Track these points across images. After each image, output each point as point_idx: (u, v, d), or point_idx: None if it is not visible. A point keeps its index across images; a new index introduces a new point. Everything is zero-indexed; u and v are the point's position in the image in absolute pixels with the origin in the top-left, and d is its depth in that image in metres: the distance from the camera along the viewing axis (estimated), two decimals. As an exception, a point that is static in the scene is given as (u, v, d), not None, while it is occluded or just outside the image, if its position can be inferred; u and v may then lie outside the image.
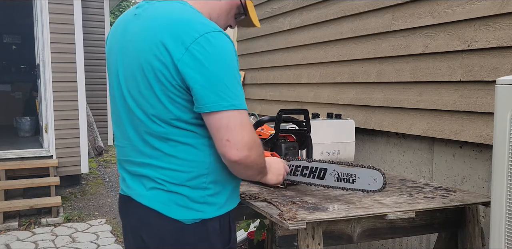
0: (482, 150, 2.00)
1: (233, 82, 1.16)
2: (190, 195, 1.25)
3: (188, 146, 1.23)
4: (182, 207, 1.25)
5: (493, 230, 1.35)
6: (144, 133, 1.26)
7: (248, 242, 3.57)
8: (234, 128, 1.16)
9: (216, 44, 1.14)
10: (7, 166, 4.85)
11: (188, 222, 1.26)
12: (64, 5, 5.28)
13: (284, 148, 1.76)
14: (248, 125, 1.19)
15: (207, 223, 1.27)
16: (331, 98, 2.95)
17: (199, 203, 1.26)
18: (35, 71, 6.30)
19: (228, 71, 1.15)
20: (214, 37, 1.14)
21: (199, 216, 1.26)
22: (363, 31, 2.64)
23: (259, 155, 1.25)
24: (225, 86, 1.14)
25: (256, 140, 1.22)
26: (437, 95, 2.16)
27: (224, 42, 1.16)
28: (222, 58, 1.15)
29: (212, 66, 1.13)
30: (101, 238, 4.02)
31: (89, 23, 7.54)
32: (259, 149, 1.24)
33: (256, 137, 1.22)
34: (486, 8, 1.90)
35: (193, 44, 1.12)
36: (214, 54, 1.13)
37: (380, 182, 1.45)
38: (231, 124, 1.16)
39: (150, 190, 1.27)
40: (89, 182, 6.02)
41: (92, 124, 7.53)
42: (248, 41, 4.33)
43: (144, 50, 1.19)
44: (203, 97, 1.14)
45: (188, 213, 1.26)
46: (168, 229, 1.27)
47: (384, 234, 1.63)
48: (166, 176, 1.25)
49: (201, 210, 1.26)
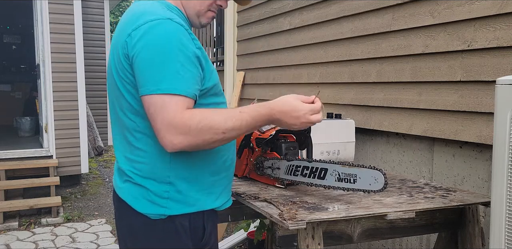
0: (482, 150, 2.00)
1: (166, 66, 1.14)
2: (155, 189, 1.27)
3: (148, 138, 1.26)
4: (148, 201, 1.28)
5: (493, 230, 1.35)
6: (120, 127, 1.32)
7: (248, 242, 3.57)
8: (154, 112, 1.14)
9: (153, 29, 1.15)
10: (7, 166, 4.85)
11: (154, 217, 1.28)
12: (64, 5, 5.28)
13: (284, 148, 1.76)
14: (169, 108, 1.12)
15: (174, 219, 1.29)
16: (331, 98, 2.95)
17: (163, 198, 1.27)
18: (35, 71, 6.30)
19: (161, 55, 1.14)
20: (156, 23, 1.16)
21: (163, 212, 1.28)
22: (363, 31, 2.64)
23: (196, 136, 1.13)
24: (155, 70, 1.14)
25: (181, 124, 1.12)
26: (437, 95, 2.16)
27: (164, 27, 1.16)
28: (155, 43, 1.14)
29: (144, 50, 1.15)
30: (101, 238, 4.02)
31: (89, 23, 7.53)
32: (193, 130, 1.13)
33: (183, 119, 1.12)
34: (486, 8, 1.90)
35: (135, 31, 1.17)
36: (148, 39, 1.15)
37: (381, 182, 1.45)
38: (152, 109, 1.14)
39: (124, 183, 1.32)
40: (89, 182, 6.02)
41: (92, 124, 7.53)
42: (248, 41, 4.33)
43: (113, 45, 1.28)
44: (138, 81, 1.18)
45: (153, 208, 1.28)
46: (138, 223, 1.30)
47: (384, 234, 1.63)
48: (134, 168, 1.29)
49: (165, 206, 1.28)
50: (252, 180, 1.91)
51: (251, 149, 1.86)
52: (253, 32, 4.16)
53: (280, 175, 1.73)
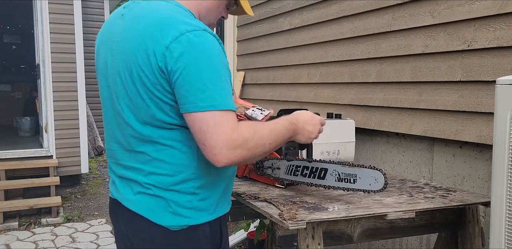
0: (482, 150, 2.00)
1: (215, 81, 1.11)
2: (177, 200, 1.22)
3: (174, 150, 1.20)
4: (169, 213, 1.23)
5: (493, 230, 1.35)
6: (130, 137, 1.23)
7: (248, 242, 3.57)
8: (207, 130, 1.10)
9: (197, 42, 1.10)
10: (7, 166, 4.85)
11: (174, 229, 1.23)
12: (64, 5, 5.28)
13: (284, 148, 1.76)
14: (224, 124, 1.10)
15: (197, 228, 1.25)
16: (331, 98, 2.95)
17: (186, 208, 1.23)
18: (35, 71, 6.30)
19: (209, 70, 1.10)
20: (196, 35, 1.11)
21: (186, 223, 1.23)
22: (363, 31, 2.64)
23: (250, 149, 1.15)
24: (205, 85, 1.09)
25: (240, 138, 1.12)
26: (437, 95, 2.16)
27: (206, 40, 1.12)
28: (203, 57, 1.10)
29: (191, 65, 1.09)
30: (101, 238, 4.02)
31: (89, 23, 7.52)
32: (249, 143, 1.14)
33: (241, 134, 1.12)
34: (486, 8, 1.90)
35: (174, 43, 1.10)
36: (194, 52, 1.10)
37: (381, 182, 1.45)
38: (204, 126, 1.10)
39: (137, 195, 1.25)
40: (89, 182, 6.02)
41: (92, 124, 7.53)
42: (248, 41, 4.33)
43: (128, 51, 1.17)
44: (182, 97, 1.12)
45: (175, 219, 1.23)
46: (157, 234, 1.25)
47: (384, 234, 1.63)
48: (152, 180, 1.22)
49: (188, 216, 1.24)
50: (252, 180, 1.91)
51: (251, 149, 1.86)
52: (253, 32, 4.16)
53: (280, 175, 1.73)
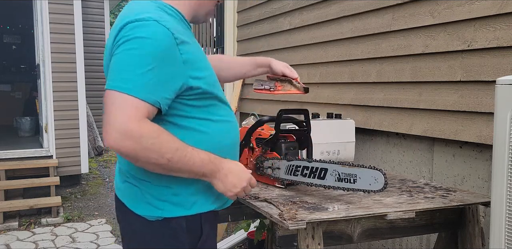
0: (482, 150, 2.00)
1: (134, 67, 1.13)
2: (151, 191, 1.28)
3: None
4: (145, 203, 1.29)
5: (493, 230, 1.35)
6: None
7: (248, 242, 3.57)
8: (109, 109, 1.13)
9: (134, 32, 1.15)
10: (7, 166, 4.85)
11: (150, 219, 1.29)
12: (64, 5, 5.28)
13: (284, 148, 1.76)
14: (127, 110, 1.11)
15: (170, 221, 1.29)
16: (331, 98, 2.95)
17: (160, 200, 1.28)
18: (35, 71, 6.30)
19: (134, 57, 1.14)
20: (137, 25, 1.16)
21: (160, 214, 1.28)
22: (363, 31, 2.64)
23: (143, 148, 1.12)
24: (123, 71, 1.14)
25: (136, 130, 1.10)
26: (437, 95, 2.16)
27: (147, 30, 1.15)
28: (134, 44, 1.14)
29: (122, 51, 1.15)
30: (101, 238, 4.02)
31: (89, 23, 7.53)
32: (144, 141, 1.11)
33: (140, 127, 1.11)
34: (486, 8, 1.90)
35: (120, 32, 1.17)
36: (129, 39, 1.15)
37: (381, 182, 1.45)
38: (108, 104, 1.13)
39: (123, 183, 1.34)
40: (89, 182, 6.02)
41: (92, 124, 7.53)
42: (248, 41, 4.33)
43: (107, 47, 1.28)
44: (108, 75, 1.19)
45: (150, 209, 1.28)
46: (137, 224, 1.31)
47: (384, 234, 1.63)
48: (131, 170, 1.30)
49: (161, 208, 1.28)
50: (252, 180, 1.91)
51: (251, 149, 1.86)
52: (253, 32, 4.16)
53: (280, 175, 1.73)
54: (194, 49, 1.27)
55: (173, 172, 1.21)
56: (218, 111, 1.34)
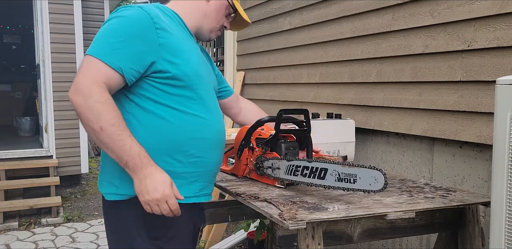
0: (482, 150, 2.00)
1: (108, 39, 1.30)
2: (111, 169, 1.39)
3: None
4: (105, 181, 1.42)
5: (493, 230, 1.35)
6: None
7: (248, 242, 3.57)
8: (79, 67, 1.29)
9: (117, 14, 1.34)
10: (7, 166, 4.85)
11: (109, 198, 1.40)
12: (64, 5, 5.28)
13: (284, 148, 1.76)
14: (91, 69, 1.26)
15: (127, 203, 1.37)
16: (331, 98, 2.95)
17: (116, 177, 1.38)
18: (35, 71, 6.30)
19: (110, 31, 1.31)
20: (125, 9, 1.35)
21: (114, 191, 1.39)
22: (363, 31, 2.64)
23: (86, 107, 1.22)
24: (99, 40, 1.31)
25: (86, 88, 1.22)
26: (437, 95, 2.16)
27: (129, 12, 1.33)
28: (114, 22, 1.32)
29: (103, 26, 1.34)
30: (101, 238, 4.02)
31: (89, 23, 7.51)
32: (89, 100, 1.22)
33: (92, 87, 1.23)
34: (486, 8, 1.90)
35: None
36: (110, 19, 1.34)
37: (381, 182, 1.45)
38: (81, 64, 1.29)
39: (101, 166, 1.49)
40: (89, 182, 6.02)
41: (92, 124, 7.52)
42: (248, 41, 4.33)
43: None
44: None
45: (108, 187, 1.41)
46: (103, 203, 1.46)
47: (384, 234, 1.63)
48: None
49: (116, 184, 1.39)
50: (252, 180, 1.91)
51: (251, 149, 1.86)
52: (253, 32, 4.16)
53: (280, 175, 1.73)
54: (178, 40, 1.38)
55: (103, 146, 1.26)
56: (191, 105, 1.40)
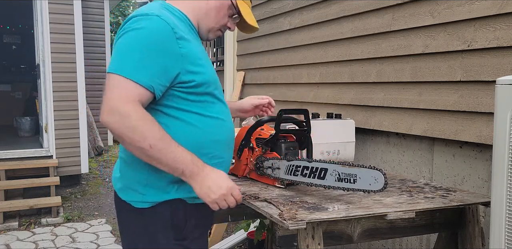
0: (482, 150, 2.00)
1: (132, 54, 1.23)
2: (137, 176, 1.35)
3: None
4: (129, 189, 1.37)
5: (493, 230, 1.35)
6: None
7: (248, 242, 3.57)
8: (107, 88, 1.23)
9: (137, 23, 1.26)
10: (7, 166, 4.85)
11: (136, 205, 1.35)
12: (64, 5, 5.28)
13: (284, 148, 1.76)
14: (120, 90, 1.20)
15: (155, 208, 1.35)
16: (331, 98, 2.95)
17: (143, 185, 1.35)
18: (35, 71, 6.30)
19: (132, 45, 1.24)
20: (143, 18, 1.27)
21: (142, 199, 1.34)
22: (363, 31, 2.64)
23: (127, 127, 1.19)
24: (123, 56, 1.24)
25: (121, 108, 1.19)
26: (437, 95, 2.16)
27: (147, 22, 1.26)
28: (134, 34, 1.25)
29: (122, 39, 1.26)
30: (101, 238, 4.02)
31: (89, 23, 7.53)
32: (129, 120, 1.19)
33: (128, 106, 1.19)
34: (486, 8, 1.90)
35: (125, 24, 1.29)
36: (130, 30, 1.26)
37: (381, 182, 1.45)
38: (106, 85, 1.23)
39: (115, 173, 1.45)
40: (89, 182, 6.02)
41: (92, 124, 7.53)
42: (248, 41, 4.33)
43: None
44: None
45: (132, 194, 1.36)
46: (124, 211, 1.40)
47: (384, 234, 1.63)
48: (124, 154, 1.39)
49: (144, 192, 1.35)
50: (252, 180, 1.91)
51: (251, 149, 1.86)
52: (253, 32, 4.16)
53: (280, 175, 1.73)
54: (195, 47, 1.35)
55: (154, 161, 1.25)
56: (213, 108, 1.39)
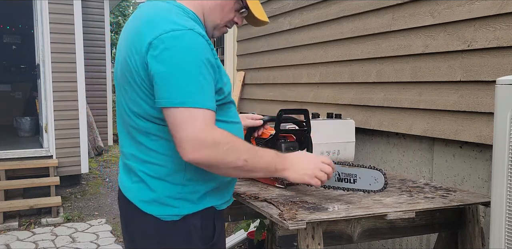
0: (482, 150, 2.00)
1: (191, 80, 1.15)
2: (168, 191, 1.28)
3: (166, 141, 1.27)
4: (159, 203, 1.29)
5: (493, 230, 1.35)
6: (130, 127, 1.32)
7: (248, 242, 3.57)
8: (178, 125, 1.15)
9: (178, 41, 1.15)
10: (7, 166, 4.85)
11: (165, 219, 1.29)
12: (64, 5, 5.28)
13: (284, 148, 1.76)
14: (195, 121, 1.14)
15: (186, 219, 1.30)
16: (331, 98, 2.95)
17: (175, 199, 1.29)
18: (35, 71, 6.30)
19: (186, 69, 1.15)
20: (179, 34, 1.16)
21: (176, 212, 1.29)
22: (363, 31, 2.64)
23: (220, 154, 1.17)
24: (179, 83, 1.15)
25: (209, 139, 1.15)
26: (437, 95, 2.16)
27: (189, 39, 1.16)
28: (181, 55, 1.15)
29: (168, 63, 1.15)
30: (101, 238, 4.02)
31: (89, 23, 7.53)
32: (219, 147, 1.16)
33: (213, 134, 1.16)
34: (486, 8, 1.90)
35: (156, 40, 1.15)
36: (173, 50, 1.15)
37: (381, 182, 1.45)
38: (175, 121, 1.16)
39: (134, 184, 1.32)
40: (89, 182, 6.02)
41: (92, 124, 7.53)
42: (248, 41, 4.33)
43: (126, 47, 1.26)
44: (158, 92, 1.17)
45: (165, 209, 1.29)
46: (150, 225, 1.30)
47: (384, 234, 1.63)
48: (147, 168, 1.29)
49: (177, 206, 1.29)
50: (252, 180, 1.91)
51: (251, 149, 1.85)
52: (253, 32, 4.16)
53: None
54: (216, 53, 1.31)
55: (250, 173, 1.26)
56: (230, 113, 1.38)
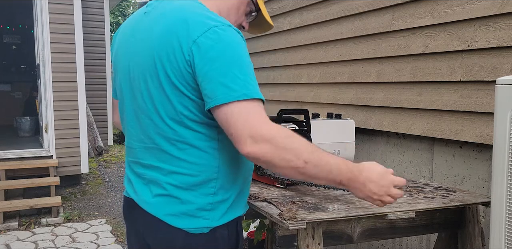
0: (482, 150, 2.00)
1: (245, 72, 1.12)
2: (197, 201, 1.21)
3: (197, 149, 1.19)
4: (189, 216, 1.21)
5: (493, 230, 1.35)
6: (153, 135, 1.22)
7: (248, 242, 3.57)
8: (234, 118, 1.09)
9: (224, 36, 1.12)
10: (7, 166, 4.85)
11: (195, 231, 1.21)
12: (64, 5, 5.28)
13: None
14: (254, 114, 1.09)
15: (216, 230, 1.23)
16: (331, 98, 2.95)
17: (206, 210, 1.22)
18: (35, 71, 6.30)
19: (238, 62, 1.12)
20: (223, 30, 1.12)
21: (206, 225, 1.22)
22: (363, 31, 2.64)
23: (277, 148, 1.08)
24: (236, 76, 1.10)
25: (266, 132, 1.07)
26: (437, 95, 2.16)
27: (232, 34, 1.14)
28: (230, 50, 1.12)
29: (221, 58, 1.10)
30: (101, 238, 4.02)
31: (89, 23, 7.54)
32: (275, 141, 1.08)
33: (270, 128, 1.09)
34: (486, 8, 1.90)
35: (201, 37, 1.11)
36: (222, 46, 1.11)
37: (380, 182, 1.44)
38: (235, 115, 1.09)
39: (156, 197, 1.23)
40: (89, 182, 6.02)
41: (92, 124, 7.53)
42: (248, 41, 4.33)
43: (153, 48, 1.18)
44: (213, 89, 1.10)
45: (195, 221, 1.21)
46: (176, 237, 1.23)
47: (384, 234, 1.63)
48: (174, 179, 1.21)
49: (208, 217, 1.22)
50: (252, 180, 1.91)
51: (251, 149, 1.85)
52: (253, 32, 4.16)
53: (280, 175, 1.73)
54: None
55: (308, 178, 1.17)
56: None
